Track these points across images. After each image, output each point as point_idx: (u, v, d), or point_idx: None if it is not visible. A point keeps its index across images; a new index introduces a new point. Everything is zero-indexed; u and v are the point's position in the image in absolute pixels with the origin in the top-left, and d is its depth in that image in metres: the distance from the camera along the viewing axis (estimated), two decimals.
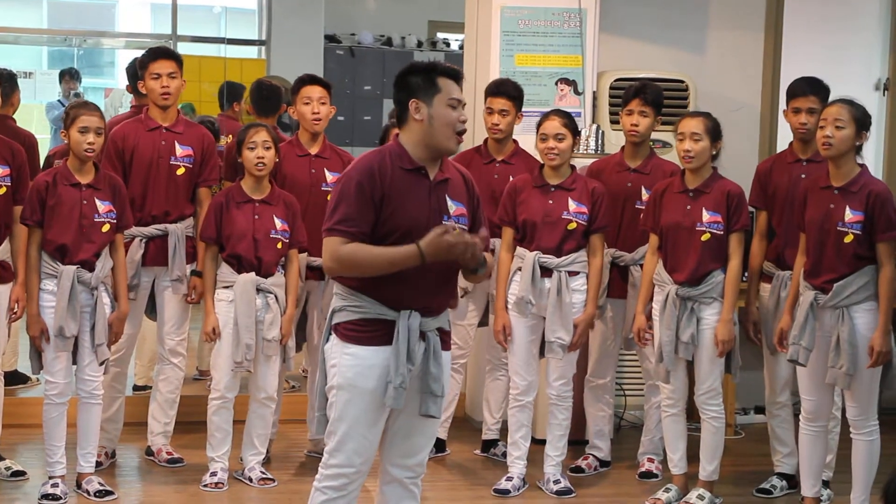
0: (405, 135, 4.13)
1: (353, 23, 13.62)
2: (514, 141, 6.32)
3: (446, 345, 4.22)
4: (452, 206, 4.13)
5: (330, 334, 4.14)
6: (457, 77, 4.12)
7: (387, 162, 4.08)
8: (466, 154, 6.26)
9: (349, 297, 4.08)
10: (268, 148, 5.76)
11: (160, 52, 6.05)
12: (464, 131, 4.11)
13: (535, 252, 5.74)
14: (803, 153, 5.85)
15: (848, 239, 5.22)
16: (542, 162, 5.88)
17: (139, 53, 6.40)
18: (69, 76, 13.29)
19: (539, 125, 5.84)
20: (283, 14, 13.17)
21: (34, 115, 12.43)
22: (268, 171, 5.80)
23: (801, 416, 5.50)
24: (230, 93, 9.32)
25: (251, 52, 13.92)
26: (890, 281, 5.18)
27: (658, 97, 6.06)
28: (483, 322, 6.33)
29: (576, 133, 5.85)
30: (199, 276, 5.92)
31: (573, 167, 5.88)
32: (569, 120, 5.82)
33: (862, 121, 5.26)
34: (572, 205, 5.77)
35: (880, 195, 5.22)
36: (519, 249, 5.82)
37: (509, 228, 5.86)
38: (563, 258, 5.75)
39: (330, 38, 13.28)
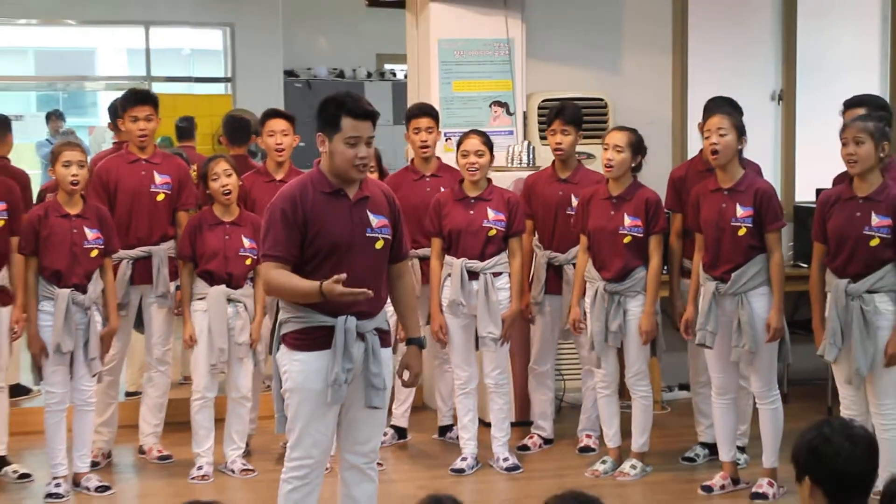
0: (323, 161, 4.23)
1: (309, 58, 13.66)
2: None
3: (385, 342, 4.30)
4: (374, 220, 4.23)
5: (280, 344, 4.24)
6: (363, 116, 4.12)
7: (308, 188, 4.17)
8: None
9: (292, 310, 4.18)
10: (229, 175, 5.81)
11: (138, 98, 6.03)
12: (365, 164, 4.16)
13: (462, 258, 5.86)
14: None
15: (741, 232, 5.37)
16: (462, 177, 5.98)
17: (118, 94, 6.37)
18: (55, 116, 13.23)
19: (459, 143, 5.96)
20: (246, 53, 13.29)
21: (25, 154, 12.40)
22: (234, 195, 5.84)
23: (712, 392, 5.66)
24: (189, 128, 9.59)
25: (219, 88, 14.03)
26: (779, 266, 5.38)
27: (576, 116, 6.12)
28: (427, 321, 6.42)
29: (492, 150, 5.95)
30: None
31: (489, 180, 5.98)
32: (486, 138, 5.93)
33: (740, 127, 5.40)
34: (491, 213, 5.86)
35: (766, 192, 5.42)
36: (447, 257, 5.92)
37: (437, 239, 5.96)
38: (487, 262, 5.84)
39: (289, 73, 13.38)
